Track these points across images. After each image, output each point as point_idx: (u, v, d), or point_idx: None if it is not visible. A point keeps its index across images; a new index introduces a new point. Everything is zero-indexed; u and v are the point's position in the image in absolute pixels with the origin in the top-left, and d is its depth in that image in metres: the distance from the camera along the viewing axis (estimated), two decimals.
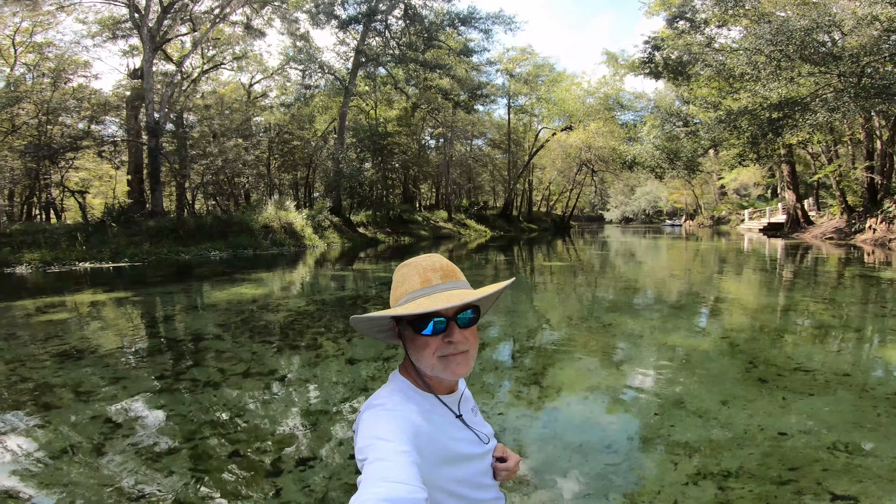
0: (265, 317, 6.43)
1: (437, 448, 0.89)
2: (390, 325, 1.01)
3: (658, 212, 69.38)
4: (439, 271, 0.96)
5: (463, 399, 1.03)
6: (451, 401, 0.99)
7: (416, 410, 0.89)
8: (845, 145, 24.51)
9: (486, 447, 1.00)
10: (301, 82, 26.07)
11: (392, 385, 0.98)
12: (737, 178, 40.67)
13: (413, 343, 0.94)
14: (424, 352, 0.92)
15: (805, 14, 16.74)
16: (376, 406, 0.90)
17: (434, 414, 0.93)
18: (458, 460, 0.93)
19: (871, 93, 15.31)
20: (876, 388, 3.86)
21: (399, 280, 0.99)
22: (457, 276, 0.98)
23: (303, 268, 13.08)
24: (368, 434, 0.83)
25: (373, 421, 0.86)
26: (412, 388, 0.96)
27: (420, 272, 0.96)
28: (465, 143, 37.94)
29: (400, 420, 0.85)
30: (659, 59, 25.34)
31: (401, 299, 0.96)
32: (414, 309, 0.88)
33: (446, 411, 0.96)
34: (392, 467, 0.73)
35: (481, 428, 1.03)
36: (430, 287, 0.94)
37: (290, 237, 19.52)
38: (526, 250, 19.86)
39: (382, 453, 0.77)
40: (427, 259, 0.99)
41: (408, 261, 1.01)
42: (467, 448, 0.96)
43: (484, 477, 0.99)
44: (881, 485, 2.25)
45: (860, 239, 19.20)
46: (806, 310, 6.99)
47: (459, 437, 0.95)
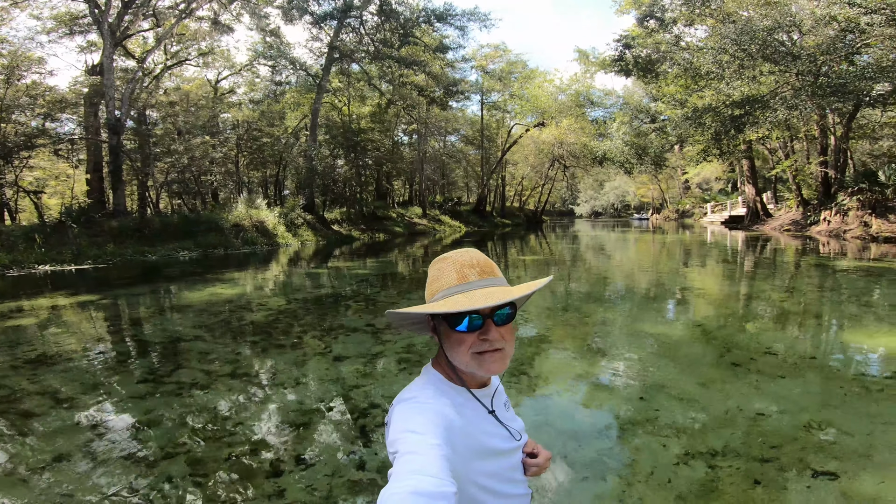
0: (246, 316, 6.31)
1: (469, 442, 0.88)
2: (425, 319, 1.00)
3: (626, 206, 71.23)
4: (476, 267, 0.95)
5: (496, 394, 1.02)
6: (483, 395, 0.98)
7: (448, 404, 0.89)
8: (801, 141, 25.71)
9: (518, 443, 0.99)
10: (271, 78, 25.44)
11: (425, 378, 0.97)
12: (700, 173, 42.15)
13: (448, 338, 0.93)
14: (459, 348, 0.91)
15: (767, 14, 17.45)
16: (408, 399, 0.90)
17: (466, 408, 0.92)
18: (489, 455, 0.92)
19: (827, 91, 16.07)
20: (840, 369, 4.12)
21: (435, 275, 0.98)
22: (494, 272, 0.96)
23: (278, 266, 12.85)
24: (400, 427, 0.83)
25: (405, 414, 0.86)
26: (445, 381, 0.95)
27: (457, 268, 0.95)
28: (438, 140, 37.93)
29: (431, 413, 0.84)
30: (629, 57, 25.95)
31: (437, 294, 0.95)
32: (451, 307, 0.87)
33: (478, 406, 0.96)
34: (422, 460, 0.73)
35: (513, 423, 1.01)
36: (466, 284, 0.93)
37: (262, 236, 19.10)
38: (500, 245, 20.06)
39: (413, 446, 0.76)
40: (464, 254, 0.98)
41: (444, 255, 1.00)
42: (499, 443, 0.95)
43: (514, 472, 0.98)
44: (856, 461, 2.42)
45: (815, 230, 20.22)
46: (770, 298, 7.35)
47: (491, 431, 0.95)
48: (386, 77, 26.63)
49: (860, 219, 17.82)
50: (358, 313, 6.38)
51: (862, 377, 3.75)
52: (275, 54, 23.43)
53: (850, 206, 18.67)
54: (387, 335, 5.24)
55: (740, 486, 2.25)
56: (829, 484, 2.21)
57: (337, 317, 6.22)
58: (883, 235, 16.20)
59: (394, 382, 3.79)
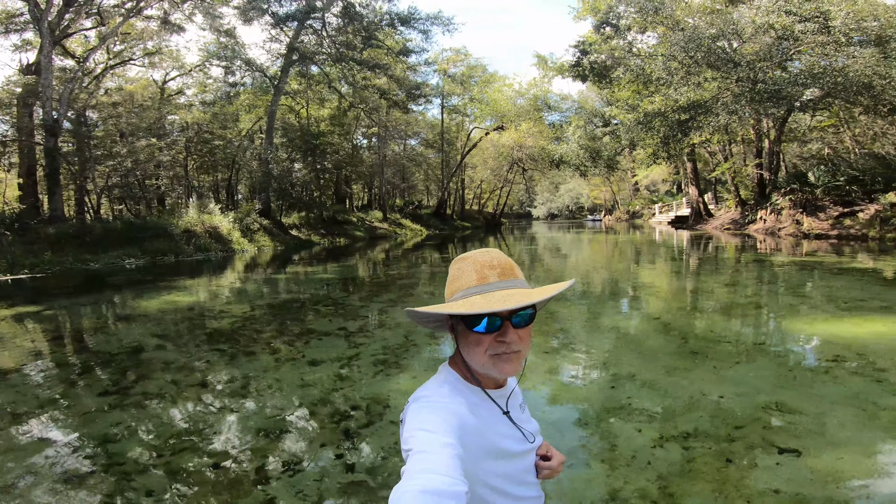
0: (209, 324, 6.07)
1: (483, 443, 0.87)
2: (443, 318, 1.00)
3: (580, 208, 73.54)
4: (497, 268, 0.94)
5: (512, 395, 1.02)
6: (499, 396, 0.98)
7: (463, 403, 0.88)
8: (738, 145, 27.50)
9: (531, 445, 0.99)
10: (224, 80, 24.49)
11: (441, 377, 0.97)
12: (648, 176, 44.20)
13: (465, 339, 0.93)
14: (476, 349, 0.91)
15: (713, 23, 18.57)
16: (423, 397, 0.91)
17: (481, 408, 0.92)
18: (502, 456, 0.92)
19: (764, 97, 17.27)
20: (787, 355, 4.47)
21: (455, 274, 0.96)
22: (515, 273, 0.95)
23: (235, 273, 12.41)
24: (414, 425, 0.83)
25: (419, 412, 0.86)
26: (461, 380, 0.95)
27: (477, 268, 0.94)
28: (399, 143, 37.80)
29: (446, 412, 0.84)
30: (586, 62, 26.88)
31: (455, 294, 0.95)
32: (468, 308, 0.87)
33: (494, 407, 0.95)
34: (434, 459, 0.72)
35: (527, 425, 1.01)
36: (486, 285, 0.92)
37: (215, 242, 18.34)
38: (461, 248, 20.25)
39: (426, 445, 0.76)
40: (485, 254, 0.97)
41: (465, 254, 0.99)
42: (512, 445, 0.94)
43: (527, 474, 0.98)
44: (814, 438, 2.65)
45: (753, 228, 21.67)
46: (717, 291, 7.85)
47: (505, 433, 0.94)
48: (347, 79, 26.30)
49: (793, 217, 19.26)
50: (328, 317, 6.28)
51: (806, 361, 4.09)
52: (229, 55, 22.58)
53: (783, 206, 20.13)
54: (360, 338, 5.20)
55: (714, 465, 2.41)
56: (794, 460, 2.41)
57: (306, 322, 6.10)
58: (813, 233, 17.58)
59: (372, 384, 3.78)
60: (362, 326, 5.75)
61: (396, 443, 2.76)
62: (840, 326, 5.07)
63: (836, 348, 4.30)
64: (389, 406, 3.30)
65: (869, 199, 17.20)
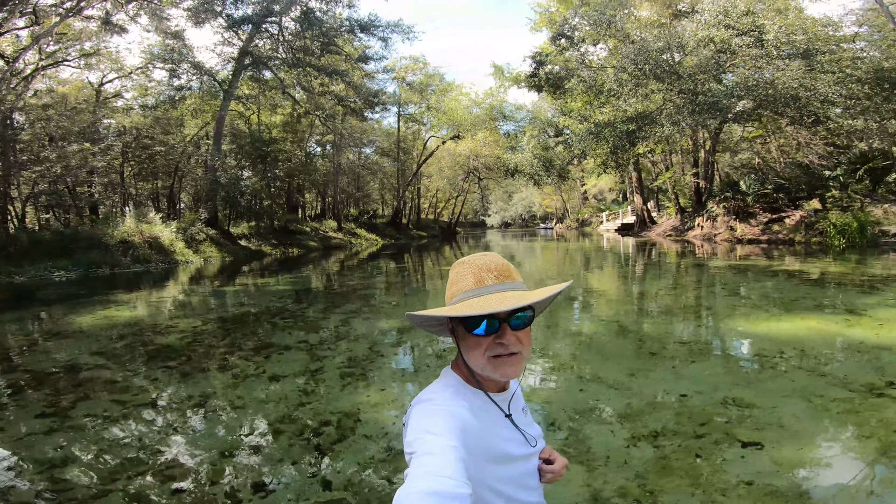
0: (155, 340, 5.67)
1: (485, 446, 0.88)
2: (444, 321, 1.01)
3: (532, 216, 75.54)
4: (494, 271, 0.96)
5: (514, 398, 1.02)
6: (501, 399, 0.98)
7: (465, 406, 0.89)
8: (678, 155, 29.23)
9: (533, 449, 1.00)
10: (168, 83, 23.27)
11: (444, 381, 0.98)
12: (596, 185, 46.11)
13: (465, 341, 0.94)
14: (475, 351, 0.92)
15: (660, 36, 19.66)
16: (426, 401, 0.91)
17: (484, 411, 0.93)
18: (504, 460, 0.92)
19: (704, 108, 18.45)
20: (736, 352, 4.74)
21: (454, 278, 0.99)
22: (512, 276, 0.97)
23: (179, 285, 11.72)
24: (417, 428, 0.84)
25: (422, 415, 0.87)
26: (463, 384, 0.96)
27: (474, 271, 0.96)
28: (354, 151, 37.29)
29: (449, 415, 0.85)
30: (542, 73, 27.71)
31: (454, 298, 0.96)
32: (465, 310, 0.89)
33: (496, 410, 0.96)
34: (438, 461, 0.73)
35: (530, 429, 1.02)
36: (483, 287, 0.94)
37: (156, 253, 17.28)
38: (418, 257, 20.19)
39: (429, 447, 0.77)
40: (483, 258, 0.99)
41: (464, 258, 1.00)
42: (515, 448, 0.95)
43: (529, 478, 0.98)
44: (773, 431, 2.79)
45: (692, 235, 23.01)
46: (666, 294, 8.25)
47: (508, 436, 0.95)
48: (303, 85, 25.73)
49: (727, 224, 20.64)
50: (286, 330, 6.04)
51: (754, 358, 4.34)
52: (176, 58, 21.49)
53: (718, 213, 21.53)
54: (323, 351, 5.03)
55: (686, 461, 2.50)
56: (758, 453, 2.53)
57: (263, 335, 5.83)
58: (746, 238, 18.90)
59: (340, 398, 3.65)
60: (324, 339, 5.56)
61: (372, 458, 2.66)
62: (779, 325, 5.43)
63: (779, 345, 4.59)
64: (361, 420, 3.20)
65: (794, 206, 18.71)
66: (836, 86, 17.08)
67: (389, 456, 2.67)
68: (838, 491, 2.18)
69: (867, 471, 2.33)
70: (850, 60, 18.07)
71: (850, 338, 4.70)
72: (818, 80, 17.19)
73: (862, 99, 17.40)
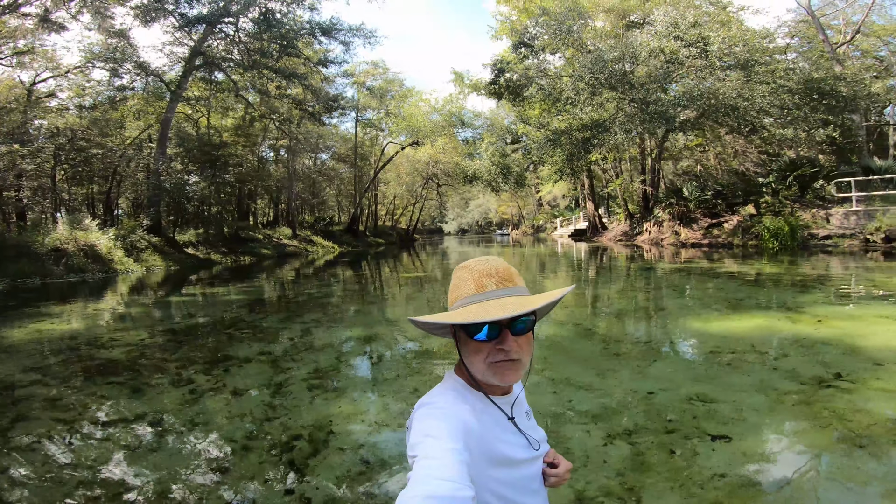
0: (98, 354, 5.25)
1: (487, 449, 0.88)
2: (447, 325, 0.99)
3: (489, 223, 76.57)
4: (494, 277, 0.95)
5: (517, 402, 1.02)
6: (504, 403, 0.98)
7: (468, 410, 0.89)
8: (627, 162, 30.53)
9: (537, 453, 0.99)
10: (109, 83, 21.82)
11: (446, 384, 0.97)
12: (551, 192, 47.35)
13: (466, 346, 0.94)
14: (476, 356, 0.92)
15: (615, 46, 20.44)
16: (429, 404, 0.90)
17: (486, 415, 0.92)
18: (507, 463, 0.92)
19: (654, 117, 19.32)
20: (693, 350, 4.96)
21: (456, 283, 0.99)
22: (514, 281, 0.96)
23: (119, 296, 10.96)
24: (419, 431, 0.83)
25: (425, 419, 0.86)
26: (466, 387, 0.95)
27: (475, 277, 0.96)
28: (310, 157, 36.36)
29: (451, 418, 0.85)
30: (502, 81, 28.13)
31: (455, 303, 0.96)
32: (464, 317, 0.88)
33: (499, 413, 0.95)
34: (440, 465, 0.73)
35: (533, 433, 1.01)
36: (483, 293, 0.93)
37: (93, 262, 16.12)
38: (375, 264, 19.94)
39: (432, 451, 0.77)
40: (484, 263, 0.98)
41: (465, 263, 1.00)
42: (517, 452, 0.94)
43: (532, 482, 0.97)
44: (737, 424, 2.93)
45: (640, 239, 24.07)
46: (621, 297, 8.56)
47: (510, 440, 0.95)
48: (258, 88, 24.85)
49: (672, 228, 21.75)
50: (245, 342, 5.75)
51: (712, 355, 4.56)
52: (118, 57, 20.21)
53: (664, 218, 22.66)
54: (287, 362, 4.82)
55: (661, 457, 2.57)
56: (726, 446, 2.65)
57: (220, 347, 5.53)
58: (689, 242, 19.99)
59: (310, 410, 3.51)
60: (287, 349, 5.35)
61: (349, 470, 2.56)
62: (729, 323, 5.75)
63: (731, 342, 4.85)
64: (334, 432, 3.08)
65: (732, 211, 20.00)
66: (770, 96, 18.29)
67: (368, 468, 2.58)
68: (806, 477, 2.31)
69: (831, 458, 2.48)
70: (784, 72, 19.28)
71: (793, 334, 5.03)
72: (755, 91, 18.37)
73: (792, 109, 18.77)
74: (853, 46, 26.80)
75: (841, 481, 2.25)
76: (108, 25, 19.87)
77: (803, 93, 18.75)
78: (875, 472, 2.31)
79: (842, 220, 16.20)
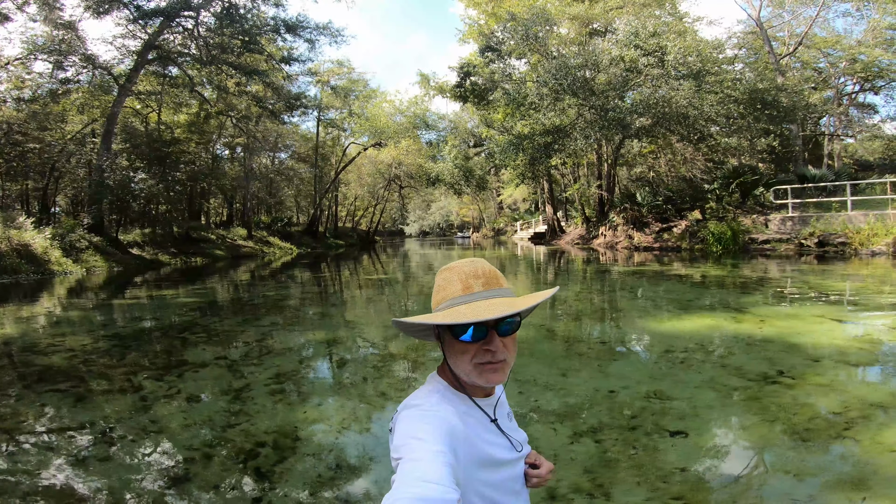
0: (35, 361, 4.87)
1: (472, 451, 0.88)
2: (430, 327, 0.99)
3: (450, 225, 76.91)
4: (481, 278, 0.96)
5: (499, 404, 1.03)
6: (487, 405, 0.99)
7: (452, 412, 0.89)
8: (584, 167, 31.48)
9: (519, 454, 1.00)
10: (52, 75, 20.35)
11: (430, 386, 0.97)
12: (512, 195, 48.15)
13: (451, 348, 0.94)
14: (462, 357, 0.92)
15: (579, 53, 20.94)
16: (413, 406, 0.90)
17: (469, 416, 0.93)
18: (491, 465, 0.92)
19: (612, 123, 19.95)
20: (649, 348, 5.17)
21: (441, 284, 0.98)
22: (499, 283, 0.98)
23: (57, 299, 10.24)
24: (404, 433, 0.83)
25: (409, 421, 0.86)
26: (450, 389, 0.95)
27: (462, 278, 0.96)
28: (268, 156, 35.24)
29: (436, 420, 0.85)
30: (468, 84, 28.24)
31: (441, 304, 0.96)
32: (453, 318, 0.88)
33: (482, 415, 0.96)
34: (425, 467, 0.73)
35: (515, 434, 1.03)
36: (471, 294, 0.94)
37: (26, 262, 14.98)
38: (335, 267, 19.60)
39: (417, 453, 0.77)
40: (470, 264, 0.99)
41: (450, 265, 1.00)
42: (501, 453, 0.95)
43: (515, 483, 0.99)
44: (692, 420, 3.07)
45: (596, 243, 24.86)
46: (579, 298, 8.81)
47: (494, 441, 0.95)
48: (215, 84, 23.83)
49: (626, 232, 22.61)
50: (200, 346, 5.50)
51: (666, 353, 4.76)
52: (64, 49, 18.92)
53: (618, 223, 23.51)
54: (246, 367, 4.65)
55: (625, 453, 2.66)
56: (684, 441, 2.77)
57: (173, 352, 5.27)
58: (642, 245, 20.84)
59: (273, 416, 3.40)
60: (247, 353, 5.16)
61: (320, 476, 2.50)
62: (680, 323, 6.04)
63: (683, 341, 5.09)
64: (300, 438, 2.99)
65: (681, 216, 21.03)
66: (718, 105, 19.30)
67: (338, 473, 2.53)
68: (757, 469, 2.46)
69: (776, 451, 2.65)
70: (731, 82, 20.30)
71: (739, 333, 5.34)
72: (704, 101, 19.33)
73: (737, 118, 19.90)
74: (795, 58, 28.46)
75: (788, 473, 2.41)
76: (56, 17, 18.67)
77: (748, 103, 19.87)
78: (818, 464, 2.49)
79: (779, 226, 17.37)
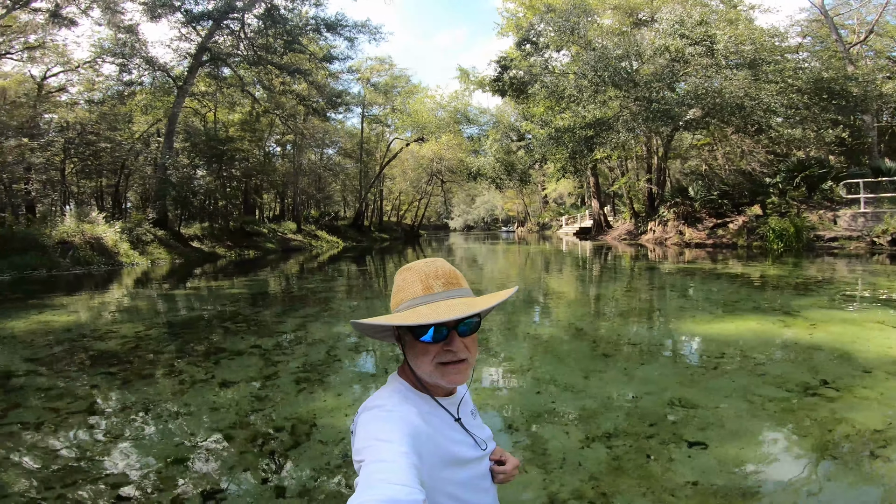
0: (94, 346, 5.33)
1: (436, 450, 0.88)
2: (390, 328, 0.99)
3: (495, 219, 76.45)
4: (441, 278, 0.95)
5: (462, 402, 1.03)
6: (450, 403, 0.98)
7: (414, 412, 0.88)
8: (633, 161, 30.30)
9: (483, 452, 1.00)
10: (118, 78, 22.08)
11: (391, 386, 0.97)
12: (556, 189, 47.16)
13: (412, 349, 0.93)
14: (423, 358, 0.92)
15: (620, 44, 20.23)
16: (374, 407, 0.89)
17: (433, 416, 0.93)
18: (456, 463, 0.92)
19: (658, 115, 19.11)
20: (682, 353, 4.95)
21: (401, 285, 0.97)
22: (459, 283, 0.97)
23: (123, 289, 11.10)
24: (366, 435, 0.82)
25: (371, 422, 0.85)
26: (411, 389, 0.95)
27: (422, 278, 0.95)
28: (315, 152, 36.53)
29: (398, 421, 0.84)
30: (507, 78, 28.01)
31: (401, 305, 0.95)
32: (415, 318, 0.87)
33: (445, 414, 0.96)
34: (390, 468, 0.72)
35: (480, 432, 1.02)
36: (431, 295, 0.93)
37: (99, 254, 16.33)
38: (380, 259, 20.01)
39: (380, 454, 0.76)
40: (430, 265, 0.98)
41: (409, 265, 0.99)
42: (465, 451, 0.95)
43: (482, 480, 0.98)
44: (716, 430, 2.92)
45: (644, 239, 23.91)
46: (619, 297, 8.52)
47: (458, 440, 0.95)
48: (263, 83, 25.00)
49: (676, 228, 21.59)
50: (239, 335, 5.82)
51: (698, 359, 4.54)
52: (127, 52, 20.44)
53: (669, 218, 22.49)
54: (277, 356, 4.87)
55: (637, 461, 2.57)
56: (703, 452, 2.64)
57: (214, 340, 5.60)
58: (694, 242, 19.84)
59: (295, 403, 3.55)
60: (279, 343, 5.40)
61: (328, 463, 2.60)
62: (722, 326, 5.71)
63: (721, 346, 4.83)
64: (316, 425, 3.12)
65: (737, 212, 19.81)
66: (779, 95, 18.01)
67: (346, 462, 2.62)
68: (775, 489, 2.30)
69: (803, 470, 2.47)
70: (793, 71, 18.97)
71: (785, 338, 5.00)
72: (762, 90, 18.07)
73: (801, 109, 18.48)
74: (867, 46, 26.33)
75: (815, 495, 2.25)
76: (118, 21, 20.10)
77: (813, 92, 18.45)
78: (841, 486, 2.31)
79: (849, 222, 16.00)
